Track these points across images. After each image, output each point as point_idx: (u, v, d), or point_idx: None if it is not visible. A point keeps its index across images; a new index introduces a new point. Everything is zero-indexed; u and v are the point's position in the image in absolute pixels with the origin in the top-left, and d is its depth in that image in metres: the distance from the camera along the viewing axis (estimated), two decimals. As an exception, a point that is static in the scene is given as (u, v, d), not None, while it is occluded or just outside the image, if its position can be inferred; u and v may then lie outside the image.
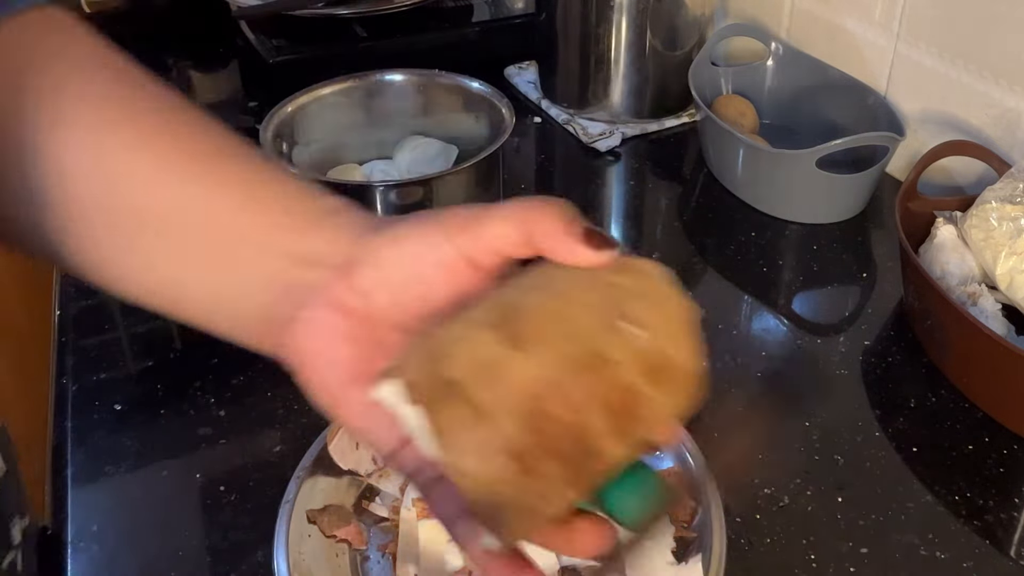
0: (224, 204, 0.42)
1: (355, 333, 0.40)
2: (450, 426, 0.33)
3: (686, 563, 0.55)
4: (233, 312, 0.43)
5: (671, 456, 0.60)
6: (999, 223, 0.75)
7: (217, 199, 0.42)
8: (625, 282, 0.35)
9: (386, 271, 0.39)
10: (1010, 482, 0.65)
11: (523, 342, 0.33)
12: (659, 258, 0.88)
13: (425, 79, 0.94)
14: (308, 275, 0.41)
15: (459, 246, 0.38)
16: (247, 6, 1.16)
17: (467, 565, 0.53)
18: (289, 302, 0.41)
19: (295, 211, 0.43)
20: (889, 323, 0.79)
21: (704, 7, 1.05)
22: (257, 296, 0.42)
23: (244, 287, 0.42)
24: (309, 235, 0.42)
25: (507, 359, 0.33)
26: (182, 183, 0.42)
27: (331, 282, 0.40)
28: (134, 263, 0.43)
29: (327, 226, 0.42)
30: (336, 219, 0.42)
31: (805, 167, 0.87)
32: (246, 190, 0.43)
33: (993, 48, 0.86)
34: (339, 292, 0.40)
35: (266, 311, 0.42)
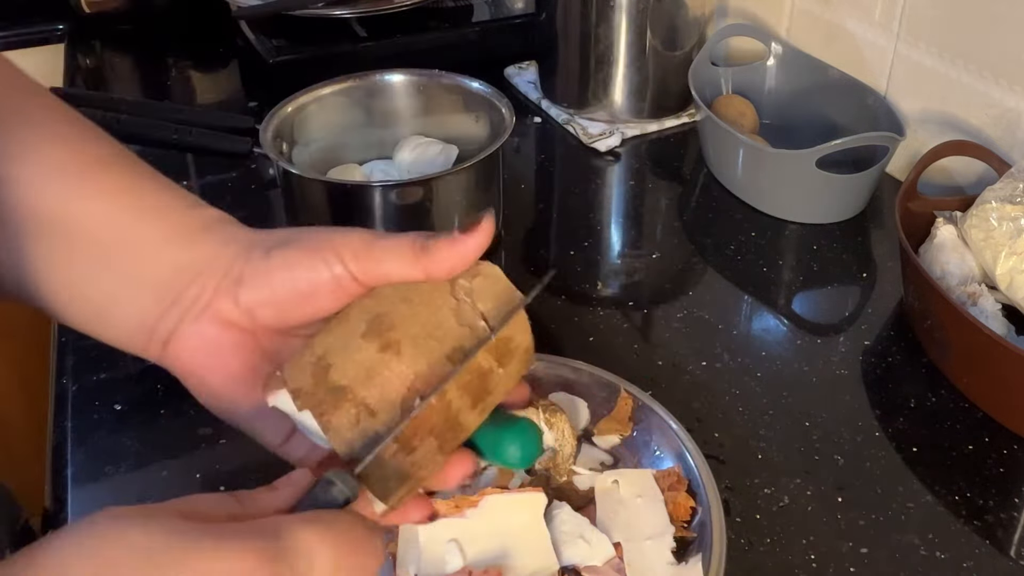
0: (111, 213, 0.43)
1: (239, 343, 0.43)
2: (340, 424, 0.39)
3: (686, 563, 0.55)
4: (119, 320, 0.44)
5: (671, 456, 0.60)
6: (999, 223, 0.75)
7: (104, 207, 0.43)
8: (472, 284, 0.41)
9: (275, 291, 0.41)
10: (1010, 482, 0.65)
11: (394, 346, 0.40)
12: (659, 258, 0.89)
13: (425, 79, 0.93)
14: (192, 287, 0.42)
15: (353, 271, 0.41)
16: (247, 6, 1.16)
17: (467, 565, 0.53)
18: (174, 313, 0.43)
19: (179, 220, 0.44)
20: (889, 323, 0.79)
21: (704, 7, 1.05)
22: (140, 304, 0.43)
23: (127, 296, 0.43)
24: (194, 245, 0.43)
25: (383, 362, 0.39)
26: (69, 190, 0.43)
27: (214, 298, 0.42)
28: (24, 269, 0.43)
29: (210, 240, 0.43)
30: (219, 232, 0.44)
31: (805, 167, 0.87)
32: (134, 200, 0.44)
33: (993, 48, 0.86)
34: (224, 307, 0.42)
35: (151, 321, 0.43)
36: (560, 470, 0.60)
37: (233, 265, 0.42)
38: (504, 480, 0.58)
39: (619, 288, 0.85)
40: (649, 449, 0.62)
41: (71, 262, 0.43)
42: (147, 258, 0.43)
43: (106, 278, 0.43)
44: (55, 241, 0.43)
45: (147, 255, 0.43)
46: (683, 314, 0.80)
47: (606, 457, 0.63)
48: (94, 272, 0.43)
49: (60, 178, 0.43)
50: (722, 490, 0.60)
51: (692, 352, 0.75)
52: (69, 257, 0.43)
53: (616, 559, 0.55)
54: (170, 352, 0.43)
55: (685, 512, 0.57)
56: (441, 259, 0.40)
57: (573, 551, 0.54)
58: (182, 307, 0.42)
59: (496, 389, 0.42)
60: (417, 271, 0.40)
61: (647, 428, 0.62)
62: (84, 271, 0.43)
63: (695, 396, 0.71)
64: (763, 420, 0.69)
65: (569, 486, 0.60)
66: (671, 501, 0.58)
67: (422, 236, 0.41)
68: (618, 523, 0.56)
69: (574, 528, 0.55)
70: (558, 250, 0.89)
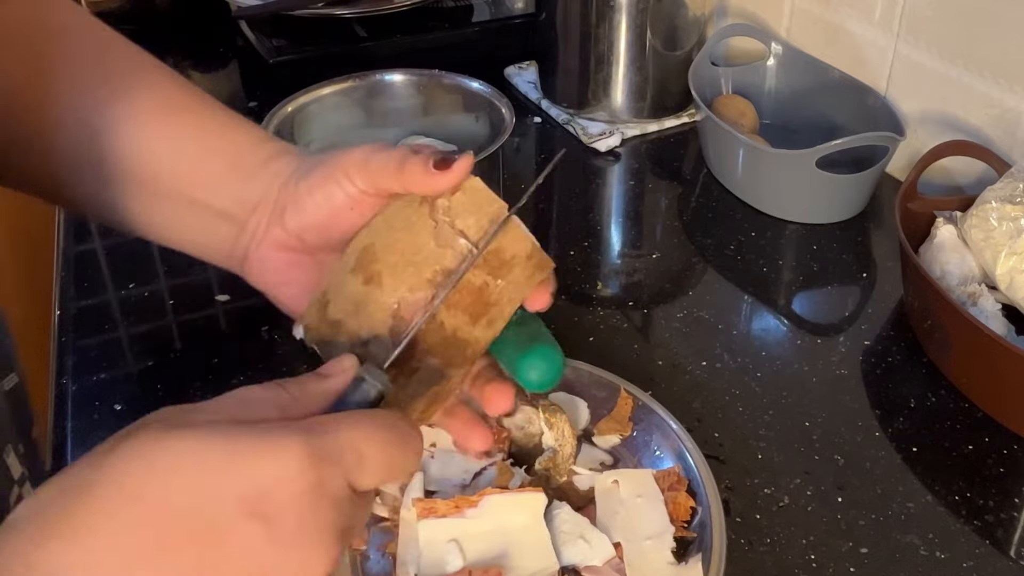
0: (183, 153, 0.49)
1: (298, 262, 0.47)
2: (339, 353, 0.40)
3: (686, 563, 0.55)
4: (206, 247, 0.50)
5: (671, 456, 0.60)
6: (999, 223, 0.75)
7: (177, 148, 0.49)
8: (451, 202, 0.42)
9: (309, 215, 0.45)
10: (1010, 482, 0.65)
11: (376, 278, 0.42)
12: (659, 258, 0.89)
13: (425, 79, 0.94)
14: (252, 218, 0.48)
15: (361, 187, 0.44)
16: (247, 6, 1.16)
17: (467, 565, 0.53)
18: (242, 241, 0.48)
19: (242, 158, 0.49)
20: (889, 323, 0.79)
21: (704, 7, 1.05)
22: (217, 234, 0.49)
23: (205, 227, 0.49)
24: (252, 180, 0.48)
25: (367, 295, 0.42)
26: (148, 133, 0.49)
27: (269, 226, 0.47)
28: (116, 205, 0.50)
29: (265, 174, 0.48)
30: (273, 165, 0.48)
31: (805, 167, 0.87)
32: (202, 139, 0.49)
33: (993, 48, 0.86)
34: (277, 234, 0.47)
35: (227, 245, 0.49)
36: (560, 470, 0.60)
37: (279, 196, 0.47)
38: (504, 480, 0.58)
39: (619, 288, 0.85)
40: (649, 449, 0.62)
41: (154, 201, 0.49)
42: (216, 194, 0.49)
43: (186, 215, 0.49)
44: (138, 183, 0.49)
45: (216, 191, 0.49)
46: (683, 314, 0.80)
47: (606, 457, 0.63)
48: (174, 210, 0.50)
49: (141, 124, 0.49)
50: (722, 490, 0.60)
51: (692, 352, 0.75)
52: (152, 197, 0.49)
53: (616, 559, 0.55)
54: (248, 271, 0.49)
55: (685, 512, 0.57)
56: (414, 180, 0.42)
57: (573, 551, 0.54)
58: (247, 235, 0.48)
59: (500, 300, 0.42)
60: (397, 185, 0.43)
61: (647, 428, 0.62)
62: (166, 209, 0.50)
63: (695, 396, 0.71)
64: (763, 420, 0.69)
65: (569, 486, 0.60)
66: (671, 501, 0.58)
67: (409, 151, 0.43)
68: (618, 523, 0.56)
69: (574, 528, 0.55)
70: (558, 250, 0.89)
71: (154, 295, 0.82)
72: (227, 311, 0.81)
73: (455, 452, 0.60)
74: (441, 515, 0.54)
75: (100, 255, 0.87)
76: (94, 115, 0.48)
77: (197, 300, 0.81)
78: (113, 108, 0.49)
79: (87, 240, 0.89)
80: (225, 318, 0.81)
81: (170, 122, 0.50)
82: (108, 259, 0.87)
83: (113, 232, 0.89)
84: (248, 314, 0.80)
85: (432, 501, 0.55)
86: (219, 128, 0.50)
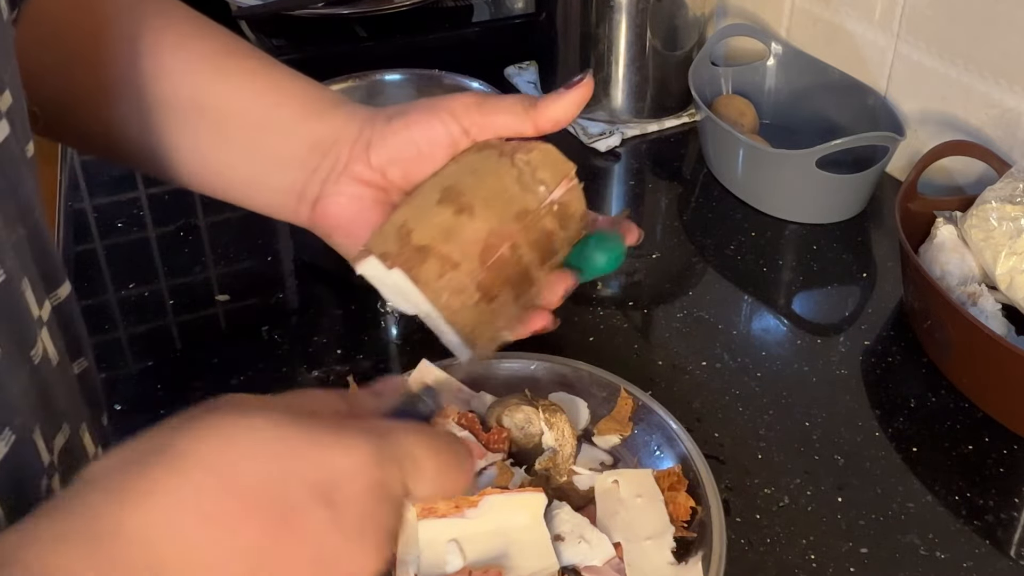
0: (254, 96, 0.50)
1: (376, 198, 0.48)
2: (428, 277, 0.43)
3: (686, 563, 0.55)
4: (269, 191, 0.50)
5: (672, 456, 0.60)
6: (999, 223, 0.75)
7: (247, 90, 0.50)
8: (530, 157, 0.46)
9: (400, 150, 0.46)
10: (1010, 482, 0.65)
11: (468, 209, 0.44)
12: (659, 258, 0.89)
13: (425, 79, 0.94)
14: (329, 155, 0.48)
15: (466, 126, 0.46)
16: (247, 6, 1.16)
17: (467, 565, 0.53)
18: (317, 179, 0.48)
19: (311, 100, 0.50)
20: (889, 323, 0.79)
21: (704, 7, 1.05)
22: (288, 174, 0.49)
23: (276, 168, 0.49)
24: (325, 120, 0.49)
25: (459, 223, 0.44)
26: (217, 77, 0.49)
27: (350, 162, 0.47)
28: (184, 151, 0.50)
29: (339, 113, 0.49)
30: (344, 107, 0.49)
31: (805, 167, 0.87)
32: (271, 84, 0.50)
33: (993, 48, 0.86)
34: (358, 169, 0.47)
35: (298, 188, 0.49)
36: (560, 470, 0.60)
37: (362, 132, 0.47)
38: (504, 480, 0.58)
39: (619, 288, 0.85)
40: (649, 449, 0.62)
41: (221, 144, 0.49)
42: (289, 134, 0.49)
43: (255, 155, 0.50)
44: (204, 125, 0.49)
45: (289, 132, 0.49)
46: (683, 314, 0.80)
47: (606, 457, 0.63)
48: (243, 151, 0.50)
49: (205, 67, 0.49)
50: (722, 490, 0.60)
51: (692, 352, 0.75)
52: (218, 139, 0.49)
53: (616, 559, 0.55)
54: (319, 212, 0.49)
55: (685, 512, 0.57)
56: (548, 112, 0.45)
57: (573, 551, 0.54)
58: (323, 172, 0.48)
59: (560, 250, 0.47)
60: (527, 124, 0.45)
61: (647, 428, 0.62)
62: (234, 151, 0.50)
63: (695, 396, 0.71)
64: (763, 420, 0.69)
65: (569, 486, 0.60)
66: (671, 501, 0.58)
67: (527, 96, 0.46)
68: (618, 523, 0.56)
69: (574, 528, 0.55)
70: (558, 250, 0.89)
71: (154, 295, 0.82)
72: (227, 311, 0.81)
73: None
74: (441, 515, 0.54)
75: (100, 255, 0.87)
76: (154, 63, 0.48)
77: (197, 300, 0.82)
78: (176, 53, 0.49)
79: (87, 240, 0.89)
80: (225, 318, 0.81)
81: (234, 66, 0.50)
82: (108, 259, 0.87)
83: (113, 232, 0.89)
84: (248, 314, 0.80)
85: (432, 501, 0.55)
86: (279, 72, 0.51)
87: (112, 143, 0.50)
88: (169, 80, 0.49)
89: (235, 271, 0.84)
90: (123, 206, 0.92)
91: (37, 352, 0.38)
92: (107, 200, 0.93)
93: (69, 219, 0.91)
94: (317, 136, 0.48)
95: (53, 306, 0.42)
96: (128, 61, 0.48)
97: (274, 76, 0.51)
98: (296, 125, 0.49)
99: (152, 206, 0.93)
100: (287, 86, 0.50)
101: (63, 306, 0.44)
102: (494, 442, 0.62)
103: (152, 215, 0.92)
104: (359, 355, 0.74)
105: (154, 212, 0.92)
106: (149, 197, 0.94)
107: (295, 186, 0.49)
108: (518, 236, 0.44)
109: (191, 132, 0.49)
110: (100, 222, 0.91)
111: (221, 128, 0.49)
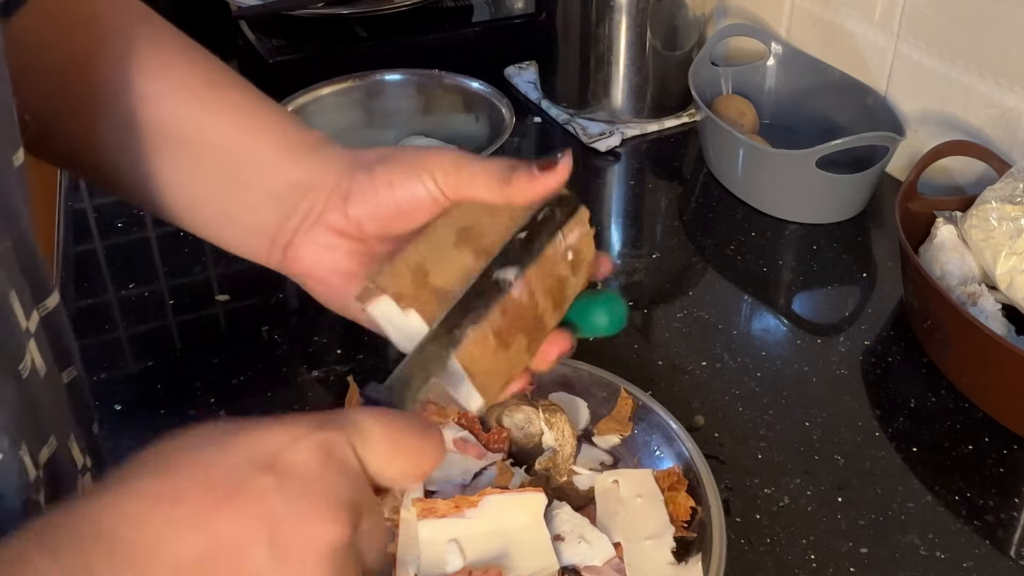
0: (234, 130, 0.49)
1: (350, 249, 0.47)
2: None
3: (686, 563, 0.55)
4: (242, 230, 0.49)
5: (671, 456, 0.60)
6: (999, 223, 0.75)
7: (228, 124, 0.49)
8: None
9: (379, 206, 0.46)
10: (1010, 482, 0.65)
11: (487, 251, 0.43)
12: (659, 258, 0.89)
13: (425, 79, 0.94)
14: (304, 201, 0.47)
15: (444, 188, 0.45)
16: (247, 6, 1.16)
17: (467, 565, 0.53)
18: (291, 223, 0.47)
19: (291, 140, 0.49)
20: (889, 323, 0.79)
21: (704, 7, 1.05)
22: (262, 214, 0.48)
23: (251, 206, 0.48)
24: (303, 163, 0.48)
25: (477, 266, 0.43)
26: (196, 108, 0.49)
27: (324, 211, 0.47)
28: (150, 180, 0.49)
29: (319, 156, 0.48)
30: (325, 151, 0.48)
31: (805, 167, 0.87)
32: (253, 119, 0.49)
33: (993, 48, 0.86)
34: (333, 219, 0.46)
35: (271, 229, 0.48)
36: (560, 470, 0.60)
37: (340, 182, 0.47)
38: (504, 480, 0.58)
39: (619, 288, 0.85)
40: (649, 449, 0.62)
41: (198, 175, 0.49)
42: (266, 173, 0.48)
43: (231, 191, 0.49)
44: (183, 155, 0.49)
45: (266, 170, 0.48)
46: (683, 314, 0.80)
47: (606, 457, 0.63)
48: (219, 185, 0.49)
49: (189, 96, 0.49)
50: (722, 490, 0.60)
51: (692, 352, 0.75)
52: (196, 170, 0.49)
53: (616, 559, 0.55)
54: (290, 257, 0.48)
55: (685, 512, 0.57)
56: (520, 191, 0.44)
57: (573, 551, 0.54)
58: (297, 218, 0.47)
59: (570, 296, 0.46)
60: (500, 198, 0.45)
61: (647, 428, 0.62)
62: (210, 184, 0.49)
63: (695, 396, 0.71)
64: (763, 420, 0.69)
65: (569, 486, 0.60)
66: (671, 501, 0.58)
67: (506, 165, 0.45)
68: (618, 523, 0.56)
69: (574, 528, 0.55)
70: (558, 250, 0.89)
71: (154, 295, 0.82)
72: (227, 311, 0.81)
73: (455, 452, 0.60)
74: (441, 515, 0.54)
75: (100, 255, 0.87)
76: (141, 84, 0.48)
77: (197, 300, 0.82)
78: (160, 79, 0.49)
79: (87, 240, 0.89)
80: (225, 318, 0.81)
81: (216, 97, 0.49)
82: (108, 259, 0.87)
83: (113, 232, 0.89)
84: (248, 314, 0.80)
85: (432, 501, 0.55)
86: (262, 108, 0.50)
87: (94, 163, 0.50)
88: (154, 105, 0.48)
89: (235, 271, 0.84)
90: (123, 206, 0.92)
91: (25, 365, 0.38)
92: (107, 200, 0.93)
93: (69, 219, 0.91)
94: (294, 178, 0.48)
95: (41, 316, 0.41)
96: (117, 79, 0.48)
97: (257, 112, 0.50)
98: (274, 164, 0.48)
99: (152, 206, 0.93)
100: (269, 123, 0.50)
101: (51, 316, 0.43)
102: (494, 442, 0.62)
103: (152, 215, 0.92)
104: (359, 355, 0.74)
105: (154, 212, 0.92)
106: (149, 197, 0.94)
107: (268, 227, 0.48)
108: (535, 283, 0.44)
109: (170, 161, 0.49)
110: (100, 222, 0.91)
111: (200, 160, 0.49)
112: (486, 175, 0.44)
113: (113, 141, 0.49)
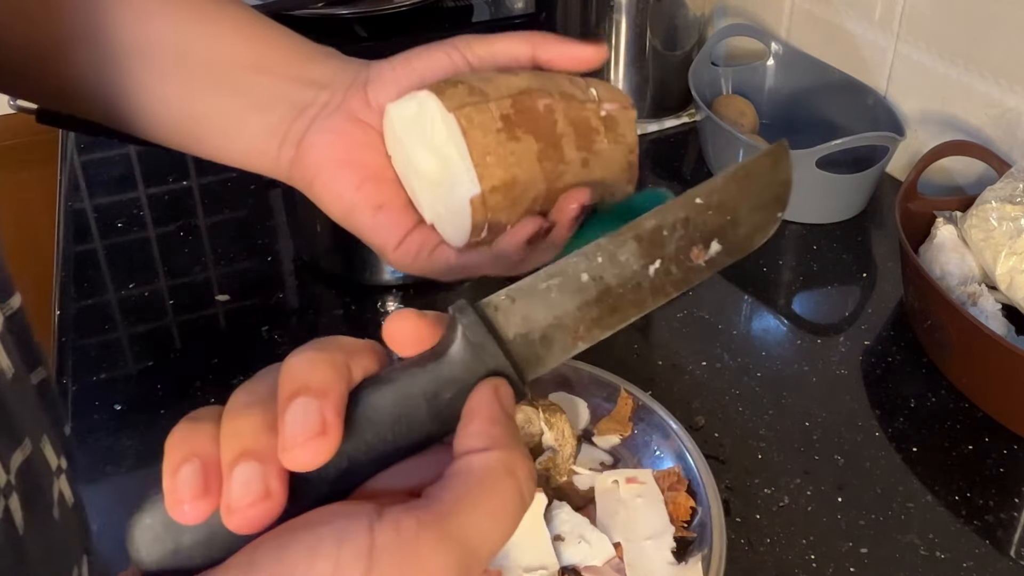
0: (241, 42, 0.48)
1: (368, 142, 0.45)
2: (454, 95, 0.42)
3: (686, 563, 0.55)
4: (249, 136, 0.47)
5: (671, 456, 0.60)
6: (999, 223, 0.75)
7: (235, 36, 0.48)
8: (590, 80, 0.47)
9: (400, 82, 0.45)
10: (1010, 482, 0.65)
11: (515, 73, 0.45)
12: (659, 258, 0.88)
13: (425, 79, 0.93)
14: (320, 95, 0.46)
15: (466, 53, 0.45)
16: (247, 6, 1.16)
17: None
18: (306, 116, 0.46)
19: (303, 47, 0.48)
20: (889, 323, 0.79)
21: (704, 7, 1.05)
22: (275, 114, 0.46)
23: (262, 109, 0.47)
24: (315, 64, 0.47)
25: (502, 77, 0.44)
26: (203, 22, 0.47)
27: (345, 99, 0.46)
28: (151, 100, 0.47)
29: (330, 60, 0.48)
30: (340, 56, 0.48)
31: (805, 167, 0.87)
32: (259, 31, 0.48)
33: (993, 48, 0.86)
34: (355, 106, 0.45)
35: (283, 128, 0.46)
36: (560, 470, 0.60)
37: (360, 73, 0.46)
38: (504, 480, 0.58)
39: (619, 288, 0.85)
40: (649, 449, 0.62)
41: (199, 87, 0.47)
42: (280, 77, 0.47)
43: (237, 100, 0.47)
44: (185, 70, 0.47)
45: (279, 75, 0.47)
46: (683, 314, 0.80)
47: (606, 457, 0.63)
48: (225, 95, 0.47)
49: (192, 15, 0.47)
50: (722, 490, 0.60)
51: (692, 352, 0.75)
52: (196, 82, 0.47)
53: (616, 559, 0.55)
54: (302, 151, 0.46)
55: (685, 512, 0.57)
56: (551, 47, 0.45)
57: (573, 551, 0.54)
58: (314, 110, 0.46)
59: (599, 153, 0.46)
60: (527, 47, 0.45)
61: (647, 428, 0.62)
62: (214, 95, 0.47)
63: (695, 396, 0.71)
64: (763, 420, 0.69)
65: (569, 486, 0.60)
66: (671, 501, 0.58)
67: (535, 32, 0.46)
68: (618, 523, 0.56)
69: (574, 528, 0.55)
70: (558, 250, 0.89)
71: (154, 295, 0.82)
72: (227, 311, 0.81)
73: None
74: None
75: (100, 255, 0.87)
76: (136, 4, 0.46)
77: (197, 300, 0.82)
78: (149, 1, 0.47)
79: (87, 240, 0.89)
80: (225, 318, 0.81)
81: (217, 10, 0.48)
82: (108, 259, 0.87)
83: (113, 232, 0.89)
84: (248, 314, 0.80)
85: None
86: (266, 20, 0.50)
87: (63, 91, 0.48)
88: (150, 25, 0.46)
89: (235, 271, 0.84)
90: (123, 206, 0.92)
91: None
92: (107, 200, 0.93)
93: (69, 219, 0.91)
94: (311, 76, 0.47)
95: (6, 317, 0.39)
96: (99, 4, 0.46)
97: (263, 25, 0.49)
98: (289, 67, 0.47)
99: (152, 206, 0.93)
100: (276, 35, 0.49)
101: (16, 316, 0.41)
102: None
103: (152, 215, 0.92)
104: (359, 355, 0.74)
105: (154, 212, 0.92)
106: (149, 197, 0.94)
107: (280, 127, 0.47)
108: (557, 104, 0.44)
109: (164, 79, 0.47)
110: (100, 222, 0.91)
111: (207, 73, 0.47)
112: (511, 36, 0.45)
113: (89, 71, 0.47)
